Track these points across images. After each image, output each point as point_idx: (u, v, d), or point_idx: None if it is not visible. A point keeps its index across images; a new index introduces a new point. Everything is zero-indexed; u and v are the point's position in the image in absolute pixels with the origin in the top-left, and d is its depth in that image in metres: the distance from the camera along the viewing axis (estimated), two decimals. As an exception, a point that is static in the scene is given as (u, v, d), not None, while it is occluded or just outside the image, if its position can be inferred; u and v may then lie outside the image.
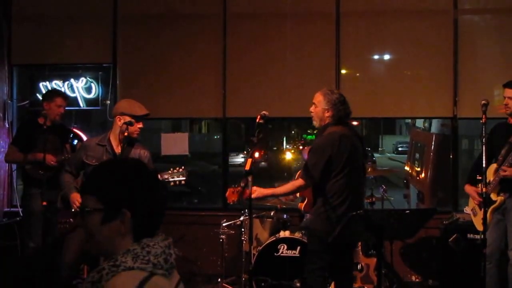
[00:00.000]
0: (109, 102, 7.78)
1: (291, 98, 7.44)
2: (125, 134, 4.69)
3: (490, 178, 5.11)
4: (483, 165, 4.66)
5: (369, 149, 32.07)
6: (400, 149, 36.38)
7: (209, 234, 6.96)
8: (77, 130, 7.33)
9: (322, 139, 4.63)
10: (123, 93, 7.55)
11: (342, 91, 7.26)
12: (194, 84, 7.62)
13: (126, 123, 4.67)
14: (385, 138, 43.61)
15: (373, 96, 7.45)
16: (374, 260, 6.05)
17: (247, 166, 4.13)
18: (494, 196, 5.11)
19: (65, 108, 6.34)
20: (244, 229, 6.21)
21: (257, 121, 4.42)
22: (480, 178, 4.77)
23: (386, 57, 7.65)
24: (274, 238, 5.98)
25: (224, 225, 6.42)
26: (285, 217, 6.36)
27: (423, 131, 12.88)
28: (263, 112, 4.43)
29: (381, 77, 7.52)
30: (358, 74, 7.66)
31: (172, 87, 7.67)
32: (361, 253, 6.14)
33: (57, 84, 7.87)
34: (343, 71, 7.43)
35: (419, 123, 14.47)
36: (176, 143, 7.71)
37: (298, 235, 5.94)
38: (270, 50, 7.54)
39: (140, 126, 4.82)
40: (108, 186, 1.87)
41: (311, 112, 4.80)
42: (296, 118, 7.70)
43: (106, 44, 7.73)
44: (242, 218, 6.28)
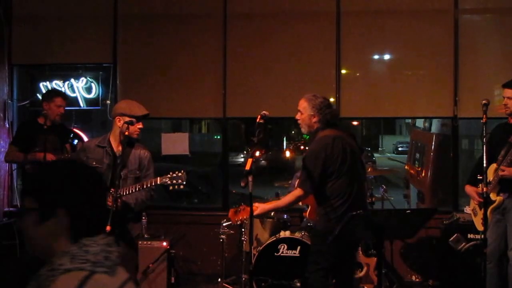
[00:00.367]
0: (109, 102, 7.78)
1: (291, 98, 7.37)
2: (125, 133, 4.67)
3: (490, 178, 5.10)
4: (484, 165, 4.67)
5: (369, 149, 32.03)
6: (400, 149, 36.32)
7: (209, 234, 6.97)
8: (77, 130, 7.34)
9: (314, 145, 4.62)
10: (123, 93, 7.56)
11: (342, 91, 7.37)
12: (194, 84, 7.62)
13: (126, 123, 4.66)
14: (385, 138, 43.55)
15: (373, 95, 7.45)
16: (374, 259, 6.04)
17: (248, 166, 4.12)
18: (493, 196, 5.10)
19: (65, 108, 6.34)
20: (244, 229, 6.20)
21: (257, 121, 4.41)
22: (481, 178, 4.77)
23: (387, 56, 7.65)
24: (275, 238, 5.97)
25: (224, 225, 6.42)
26: (285, 217, 6.36)
27: (423, 131, 12.86)
28: (264, 112, 4.42)
29: (381, 76, 7.53)
30: (358, 74, 7.66)
31: (172, 87, 7.67)
32: (361, 252, 6.13)
33: (57, 84, 7.87)
34: (343, 71, 7.43)
35: (419, 123, 14.45)
36: (176, 143, 7.71)
37: (298, 235, 5.93)
38: (270, 50, 7.54)
39: (140, 126, 4.81)
40: (42, 186, 1.88)
41: (298, 119, 4.79)
42: (296, 118, 7.66)
43: (106, 44, 7.73)
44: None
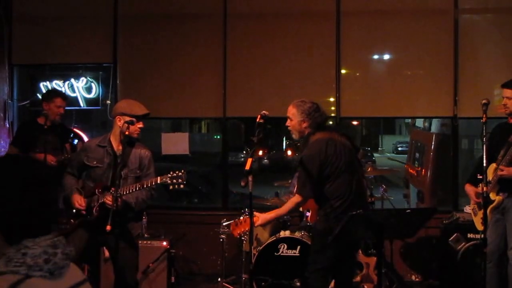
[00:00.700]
0: (109, 102, 7.78)
1: (291, 97, 7.31)
2: (126, 133, 4.67)
3: (489, 177, 5.10)
4: (484, 164, 4.67)
5: (368, 148, 32.09)
6: (400, 149, 36.35)
7: (209, 234, 6.97)
8: (77, 130, 7.33)
9: (308, 150, 4.61)
10: (123, 93, 7.56)
11: (342, 91, 7.38)
12: (194, 84, 7.62)
13: (127, 122, 4.65)
14: (385, 138, 43.57)
15: (373, 95, 7.45)
16: (374, 259, 6.05)
17: (247, 166, 4.12)
18: (492, 195, 5.09)
19: (64, 108, 6.33)
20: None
21: (257, 120, 4.41)
22: (480, 177, 4.77)
23: (386, 56, 7.66)
24: (274, 238, 5.97)
25: (224, 224, 6.42)
26: (285, 217, 6.35)
27: (423, 131, 12.86)
28: (263, 111, 4.42)
29: (381, 76, 7.53)
30: (358, 74, 7.66)
31: (172, 87, 7.68)
32: (361, 252, 6.14)
33: (57, 84, 7.88)
34: (343, 71, 7.43)
35: (419, 123, 14.45)
36: (176, 143, 7.71)
37: (298, 235, 5.93)
38: (270, 50, 7.54)
39: (140, 125, 4.81)
40: None
41: (288, 126, 4.78)
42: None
43: (107, 44, 7.73)
44: (242, 218, 6.27)
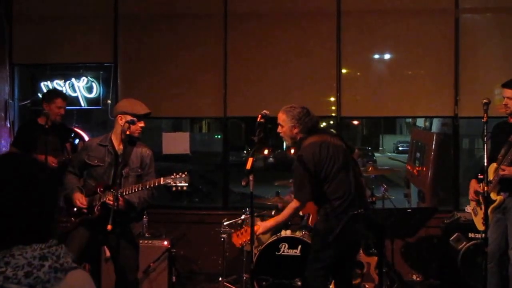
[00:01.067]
0: (110, 101, 7.79)
1: (292, 97, 7.41)
2: (126, 133, 4.67)
3: (490, 177, 5.09)
4: (485, 164, 4.66)
5: (369, 148, 32.10)
6: (400, 148, 36.33)
7: (210, 233, 6.97)
8: (78, 129, 7.33)
9: (301, 155, 4.59)
10: (124, 92, 7.56)
11: (343, 90, 7.37)
12: (195, 83, 7.62)
13: (128, 122, 4.66)
14: (385, 137, 43.56)
15: (373, 95, 7.45)
16: (375, 259, 6.05)
17: (248, 165, 4.12)
18: (493, 195, 5.08)
19: (65, 108, 6.32)
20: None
21: (257, 120, 4.41)
22: (482, 177, 4.76)
23: (387, 56, 7.65)
24: (275, 237, 5.97)
25: (225, 224, 6.42)
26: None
27: (424, 130, 12.86)
28: (264, 111, 4.42)
29: (382, 76, 7.52)
30: (359, 73, 7.66)
31: (173, 87, 7.67)
32: (362, 251, 6.14)
33: (58, 83, 7.88)
34: (344, 70, 7.42)
35: (420, 123, 14.46)
36: (177, 142, 7.72)
37: (299, 234, 5.93)
38: (270, 49, 7.54)
39: (141, 125, 4.81)
40: None
41: (280, 133, 4.78)
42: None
43: (107, 43, 7.73)
44: (243, 217, 6.28)
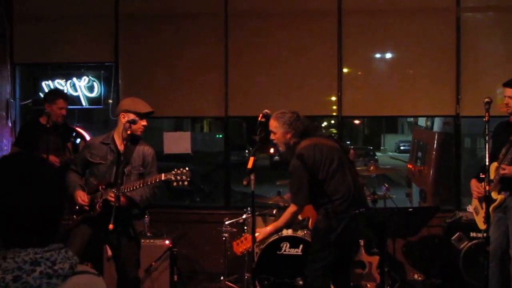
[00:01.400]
0: (111, 101, 7.79)
1: (293, 96, 7.43)
2: (127, 132, 4.68)
3: (492, 176, 5.08)
4: (486, 163, 4.66)
5: (371, 147, 32.05)
6: (402, 147, 36.25)
7: (211, 233, 6.97)
8: (80, 129, 7.33)
9: (295, 160, 4.61)
10: (125, 91, 7.56)
11: (344, 90, 7.37)
12: (196, 82, 7.62)
13: (129, 121, 4.67)
14: (387, 137, 43.52)
15: (375, 94, 7.44)
16: (377, 258, 6.06)
17: (250, 164, 4.12)
18: (494, 194, 5.07)
19: (66, 109, 6.31)
20: (246, 227, 6.21)
21: (259, 119, 4.41)
22: (483, 176, 4.75)
23: (388, 55, 7.64)
24: (277, 237, 5.95)
25: (226, 223, 6.42)
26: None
27: (426, 130, 12.85)
28: (265, 110, 4.42)
29: (383, 75, 7.51)
30: (360, 73, 7.65)
31: (174, 86, 7.68)
32: (363, 251, 6.14)
33: (59, 83, 7.88)
34: (345, 70, 7.42)
35: (422, 122, 14.45)
36: (178, 142, 7.71)
37: (300, 234, 5.93)
38: (272, 49, 7.53)
39: (144, 123, 4.82)
40: None
41: (273, 140, 4.78)
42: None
43: (108, 43, 7.73)
44: (244, 216, 6.28)
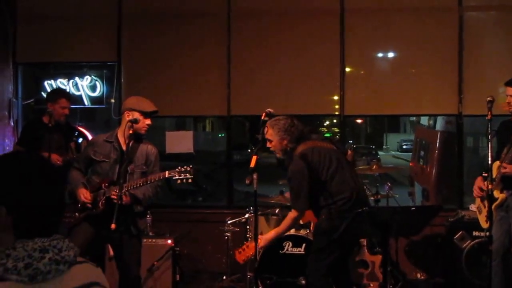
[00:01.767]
0: (113, 100, 7.78)
1: (296, 95, 7.44)
2: (130, 131, 4.69)
3: (494, 175, 5.08)
4: (489, 162, 4.65)
5: (373, 147, 32.08)
6: (404, 147, 36.29)
7: (214, 232, 6.97)
8: (82, 128, 7.33)
9: (294, 165, 4.61)
10: (128, 91, 7.55)
11: (347, 89, 7.37)
12: (198, 82, 7.62)
13: (131, 121, 4.68)
14: (389, 136, 43.55)
15: (377, 93, 7.44)
16: (379, 257, 6.05)
17: (252, 164, 4.12)
18: (496, 193, 5.06)
19: (69, 108, 6.31)
20: (249, 226, 6.20)
21: (262, 118, 4.41)
22: (486, 175, 4.74)
23: (391, 54, 7.64)
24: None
25: (229, 222, 6.43)
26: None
27: (428, 129, 12.85)
28: (268, 109, 4.42)
29: (385, 74, 7.51)
30: (362, 72, 7.65)
31: (176, 85, 7.67)
32: (366, 250, 6.13)
33: (61, 82, 7.88)
34: (348, 69, 7.41)
35: (424, 121, 14.43)
36: (181, 141, 7.71)
37: (303, 233, 5.92)
38: (274, 48, 7.53)
39: (148, 122, 4.82)
40: None
41: (270, 147, 4.78)
42: (300, 115, 7.68)
43: (111, 42, 7.73)
44: (247, 216, 6.28)
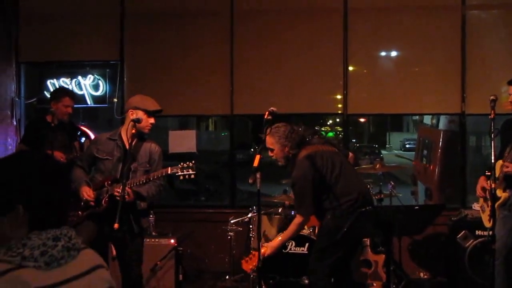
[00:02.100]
0: (116, 99, 7.79)
1: (299, 94, 7.44)
2: (132, 131, 4.68)
3: (497, 174, 5.06)
4: (492, 161, 4.64)
5: (376, 146, 32.04)
6: (407, 146, 36.21)
7: (217, 232, 6.97)
8: (84, 127, 7.33)
9: (297, 170, 4.62)
10: (131, 90, 7.55)
11: (350, 88, 7.36)
12: (201, 81, 7.62)
13: (133, 120, 4.67)
14: (392, 135, 43.45)
15: (380, 92, 7.44)
16: (383, 257, 6.04)
17: (256, 163, 4.10)
18: (499, 192, 5.05)
19: (73, 107, 6.31)
20: (252, 226, 6.20)
21: (265, 117, 4.40)
22: (489, 174, 4.73)
23: (394, 53, 7.64)
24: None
25: (232, 222, 6.43)
26: (292, 213, 6.32)
27: (431, 128, 12.79)
28: (271, 108, 4.40)
29: (388, 73, 7.51)
30: (365, 71, 7.64)
31: (179, 84, 7.68)
32: (369, 250, 6.12)
33: (64, 81, 7.89)
34: (351, 68, 7.41)
35: (427, 120, 14.38)
36: (183, 141, 7.70)
37: (306, 232, 5.92)
38: (277, 47, 7.53)
39: (152, 121, 4.81)
40: (2, 182, 1.90)
41: (272, 156, 4.78)
42: (304, 114, 7.68)
43: (114, 41, 7.74)
44: (250, 215, 6.27)
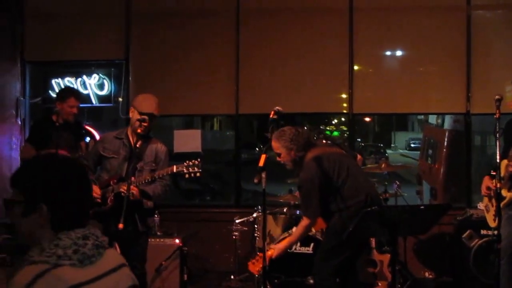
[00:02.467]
0: (121, 99, 7.80)
1: (304, 93, 7.43)
2: (137, 131, 4.68)
3: (502, 173, 5.04)
4: (497, 160, 4.63)
5: (381, 145, 32.02)
6: (412, 145, 36.11)
7: (221, 231, 6.97)
8: (89, 127, 7.33)
9: (303, 173, 4.63)
10: (136, 89, 7.56)
11: (355, 87, 7.36)
12: (206, 80, 7.62)
13: (139, 120, 4.68)
14: (397, 134, 43.36)
15: (385, 92, 7.43)
16: (388, 256, 6.03)
17: (261, 162, 4.10)
18: (504, 192, 5.03)
19: (78, 108, 6.29)
20: (257, 225, 6.20)
21: (270, 117, 4.39)
22: (494, 173, 4.72)
23: (399, 53, 7.63)
24: (287, 234, 5.94)
25: (237, 221, 6.43)
26: (298, 213, 6.32)
27: (436, 127, 12.79)
28: (277, 107, 4.40)
29: (394, 72, 7.50)
30: (371, 70, 7.64)
31: (184, 84, 7.68)
32: (375, 249, 6.11)
33: (69, 81, 7.89)
34: (356, 67, 7.40)
35: (432, 119, 14.35)
36: (188, 140, 7.69)
37: (312, 232, 5.91)
38: (283, 46, 7.53)
39: (145, 124, 4.75)
40: (27, 183, 1.94)
41: (280, 160, 4.77)
42: (309, 113, 7.68)
43: (119, 40, 7.75)
44: (255, 215, 6.27)
